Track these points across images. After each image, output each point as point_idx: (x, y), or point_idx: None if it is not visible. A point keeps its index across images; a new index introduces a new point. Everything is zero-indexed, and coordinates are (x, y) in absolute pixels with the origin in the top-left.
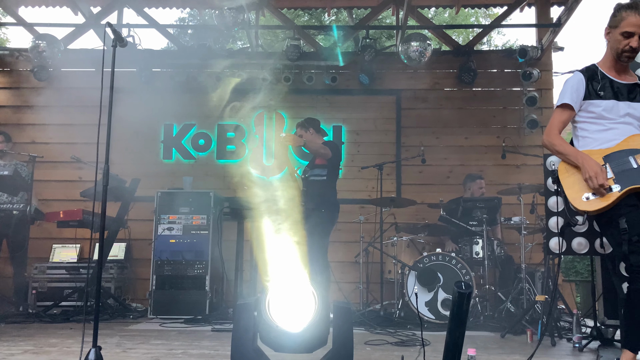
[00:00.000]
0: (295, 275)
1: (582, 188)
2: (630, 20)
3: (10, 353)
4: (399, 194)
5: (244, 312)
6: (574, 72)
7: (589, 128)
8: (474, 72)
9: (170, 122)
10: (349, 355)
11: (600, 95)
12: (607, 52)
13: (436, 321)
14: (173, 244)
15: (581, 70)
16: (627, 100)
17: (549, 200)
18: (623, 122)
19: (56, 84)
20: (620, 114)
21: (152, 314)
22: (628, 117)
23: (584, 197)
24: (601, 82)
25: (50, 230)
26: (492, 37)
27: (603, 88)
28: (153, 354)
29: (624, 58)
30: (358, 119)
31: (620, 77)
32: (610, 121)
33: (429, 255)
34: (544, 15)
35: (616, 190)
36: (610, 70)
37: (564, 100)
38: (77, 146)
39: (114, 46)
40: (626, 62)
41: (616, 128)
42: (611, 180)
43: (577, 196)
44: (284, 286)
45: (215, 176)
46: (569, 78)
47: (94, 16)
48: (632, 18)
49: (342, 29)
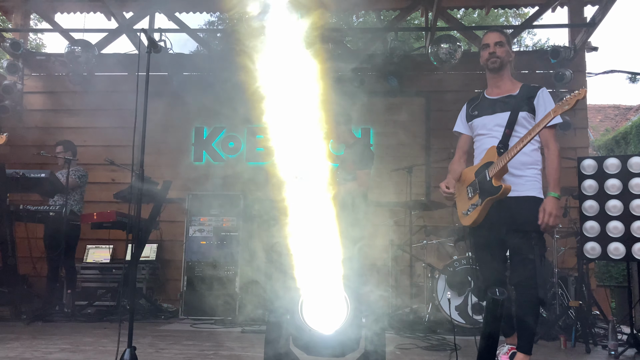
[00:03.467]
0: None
1: (463, 204)
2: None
3: (49, 351)
4: (428, 197)
5: (277, 316)
6: None
7: (474, 146)
8: None
9: (201, 125)
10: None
11: (474, 115)
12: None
13: (467, 326)
14: (204, 246)
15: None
16: (495, 113)
17: (584, 203)
18: (493, 135)
19: (90, 88)
20: (489, 127)
21: (183, 314)
22: (498, 127)
23: (463, 213)
24: (477, 103)
25: (84, 231)
26: (523, 37)
27: (477, 108)
28: (185, 355)
29: (491, 67)
30: (387, 121)
31: (492, 92)
32: (483, 136)
33: (459, 259)
34: (578, 15)
35: (479, 204)
36: (488, 89)
37: (455, 128)
38: (110, 149)
39: (149, 52)
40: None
41: (486, 142)
42: (477, 195)
43: (460, 213)
44: (317, 289)
45: (244, 178)
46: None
47: (127, 21)
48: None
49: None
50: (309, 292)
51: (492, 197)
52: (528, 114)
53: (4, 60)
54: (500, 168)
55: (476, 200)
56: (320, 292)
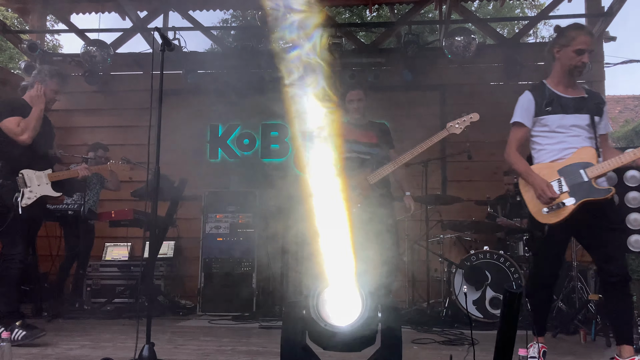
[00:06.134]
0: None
1: (538, 203)
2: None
3: (69, 347)
4: (444, 191)
5: (293, 310)
6: (524, 93)
7: (542, 142)
8: (520, 65)
9: (216, 122)
10: (397, 355)
11: (548, 111)
12: (556, 68)
13: (484, 320)
14: (220, 242)
15: (529, 89)
16: (574, 113)
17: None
18: (573, 134)
19: (106, 87)
20: (567, 126)
21: (200, 310)
22: (576, 128)
23: (543, 211)
24: (548, 98)
25: (102, 229)
26: (539, 29)
27: (550, 104)
28: (203, 350)
29: (576, 73)
30: (402, 115)
31: (567, 91)
32: (560, 134)
33: (476, 253)
34: (594, 4)
35: (570, 203)
36: (558, 86)
37: (515, 119)
38: (127, 147)
39: (162, 50)
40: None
41: (566, 141)
42: (566, 193)
43: (537, 210)
44: (333, 284)
45: (260, 175)
46: (520, 97)
47: (141, 20)
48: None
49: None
50: (325, 286)
51: (593, 199)
52: (598, 118)
53: (22, 61)
54: (604, 172)
55: (565, 198)
56: (337, 286)
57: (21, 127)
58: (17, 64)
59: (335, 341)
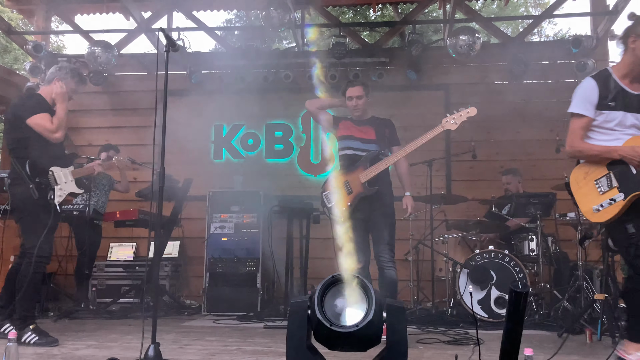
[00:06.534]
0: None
1: (591, 200)
2: None
3: (75, 347)
4: (449, 191)
5: (298, 310)
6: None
7: (596, 137)
8: (524, 64)
9: (220, 122)
10: (403, 354)
11: (611, 106)
12: (628, 59)
13: (489, 320)
14: (225, 242)
15: (593, 77)
16: (635, 112)
17: None
18: (629, 133)
19: (111, 88)
20: (626, 124)
21: (205, 310)
22: (634, 128)
23: (594, 209)
24: (613, 91)
25: (107, 229)
26: (543, 27)
27: (615, 99)
28: (208, 350)
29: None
30: (406, 114)
31: (633, 86)
32: (617, 132)
33: (481, 252)
34: (599, 3)
35: (620, 199)
36: (625, 78)
37: (576, 110)
38: (131, 148)
39: (167, 51)
40: None
41: (622, 139)
42: (615, 189)
43: (588, 209)
44: (338, 284)
45: (264, 175)
46: (582, 84)
47: (145, 21)
48: None
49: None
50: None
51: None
52: None
53: (27, 62)
54: None
55: (615, 194)
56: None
57: (55, 125)
58: (22, 65)
59: (341, 341)
